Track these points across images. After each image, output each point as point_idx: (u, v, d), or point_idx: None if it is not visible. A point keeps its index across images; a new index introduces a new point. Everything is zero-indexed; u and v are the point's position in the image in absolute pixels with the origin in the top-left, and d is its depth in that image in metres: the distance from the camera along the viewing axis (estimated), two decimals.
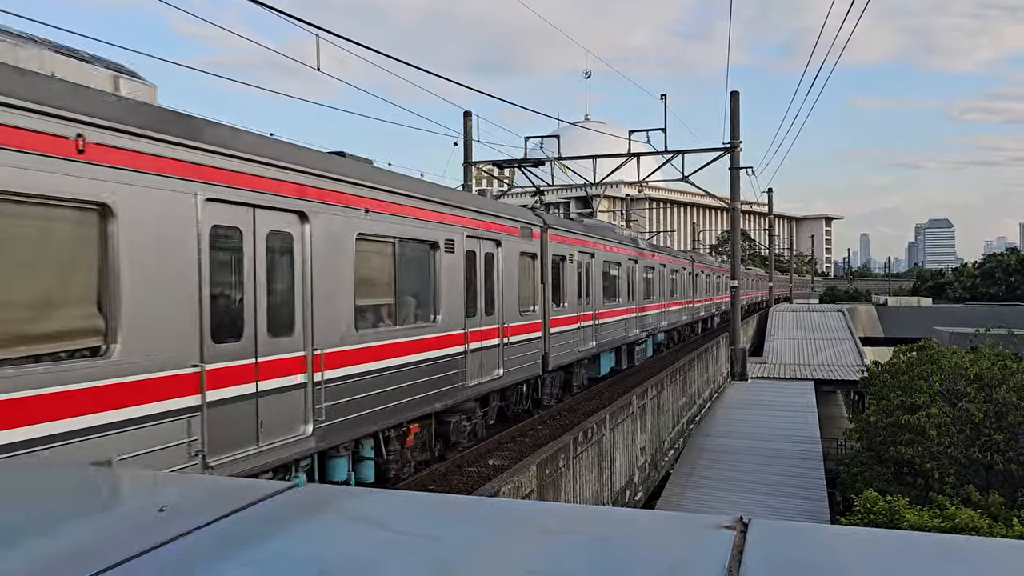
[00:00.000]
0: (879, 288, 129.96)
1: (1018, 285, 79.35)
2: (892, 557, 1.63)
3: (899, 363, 25.08)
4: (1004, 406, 19.64)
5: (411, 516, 1.92)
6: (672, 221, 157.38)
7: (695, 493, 18.80)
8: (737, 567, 1.48)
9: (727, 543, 1.59)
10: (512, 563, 1.59)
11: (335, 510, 1.96)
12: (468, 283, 12.84)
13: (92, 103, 6.23)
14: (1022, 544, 1.67)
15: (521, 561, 1.59)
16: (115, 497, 2.18)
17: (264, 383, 7.87)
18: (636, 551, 1.64)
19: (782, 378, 33.24)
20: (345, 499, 2.05)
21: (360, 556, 1.65)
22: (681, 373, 21.18)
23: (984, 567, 1.55)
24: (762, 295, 68.43)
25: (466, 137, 32.17)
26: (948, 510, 15.39)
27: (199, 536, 1.77)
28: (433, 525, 1.84)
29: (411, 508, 2.02)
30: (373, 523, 1.84)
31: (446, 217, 12.06)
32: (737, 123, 30.70)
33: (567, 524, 1.86)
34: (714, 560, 1.52)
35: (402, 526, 1.82)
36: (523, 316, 15.23)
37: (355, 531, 1.80)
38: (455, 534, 1.77)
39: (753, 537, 1.63)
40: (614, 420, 13.78)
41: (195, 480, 2.35)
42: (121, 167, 6.30)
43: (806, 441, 23.20)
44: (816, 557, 1.61)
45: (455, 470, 13.63)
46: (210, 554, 1.70)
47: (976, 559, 1.61)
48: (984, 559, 1.61)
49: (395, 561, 1.61)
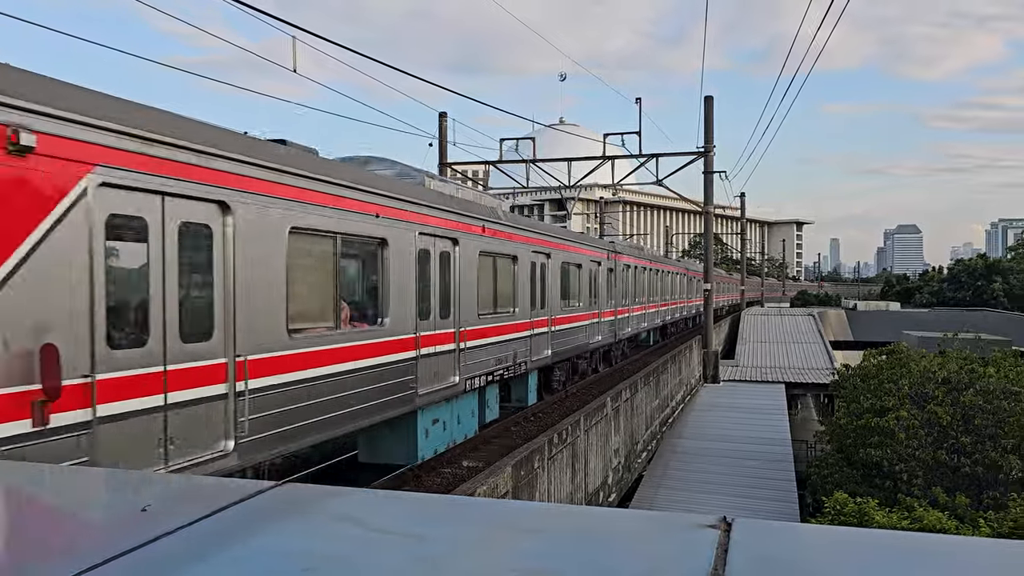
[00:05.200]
0: (848, 292, 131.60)
1: (984, 290, 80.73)
2: (870, 555, 1.66)
3: (869, 367, 25.39)
4: (971, 409, 19.95)
5: (394, 515, 1.92)
6: (646, 224, 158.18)
7: (668, 495, 18.91)
8: (723, 565, 1.50)
9: (712, 542, 1.61)
10: (498, 561, 1.59)
11: (318, 509, 1.95)
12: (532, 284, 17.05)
13: None
14: (989, 542, 1.72)
15: (507, 560, 1.60)
16: (97, 497, 2.16)
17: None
18: (622, 550, 1.65)
19: (754, 381, 33.51)
20: (328, 498, 2.05)
21: (344, 554, 1.65)
22: (655, 375, 21.29)
23: (954, 564, 1.59)
24: (734, 298, 69.01)
25: (441, 138, 32.11)
26: (916, 512, 15.60)
27: (182, 535, 1.76)
28: (416, 524, 1.84)
29: (393, 507, 2.02)
30: (356, 522, 1.83)
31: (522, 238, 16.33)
32: (711, 127, 30.94)
33: (551, 523, 1.87)
34: (700, 558, 1.53)
35: (385, 525, 1.82)
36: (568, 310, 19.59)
37: (338, 530, 1.80)
38: (438, 533, 1.77)
39: (737, 536, 1.65)
40: (588, 422, 13.82)
41: (178, 480, 2.33)
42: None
43: (777, 443, 23.42)
44: (799, 555, 1.64)
45: (429, 471, 13.61)
46: (194, 553, 1.69)
47: (947, 556, 1.65)
48: (954, 556, 1.65)
49: (379, 559, 1.61)
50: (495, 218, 14.96)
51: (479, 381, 13.91)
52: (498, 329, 14.92)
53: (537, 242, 17.31)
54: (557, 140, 47.62)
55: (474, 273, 13.88)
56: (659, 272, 34.11)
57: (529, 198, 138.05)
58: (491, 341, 14.59)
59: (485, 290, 14.48)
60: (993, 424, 19.64)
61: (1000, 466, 18.65)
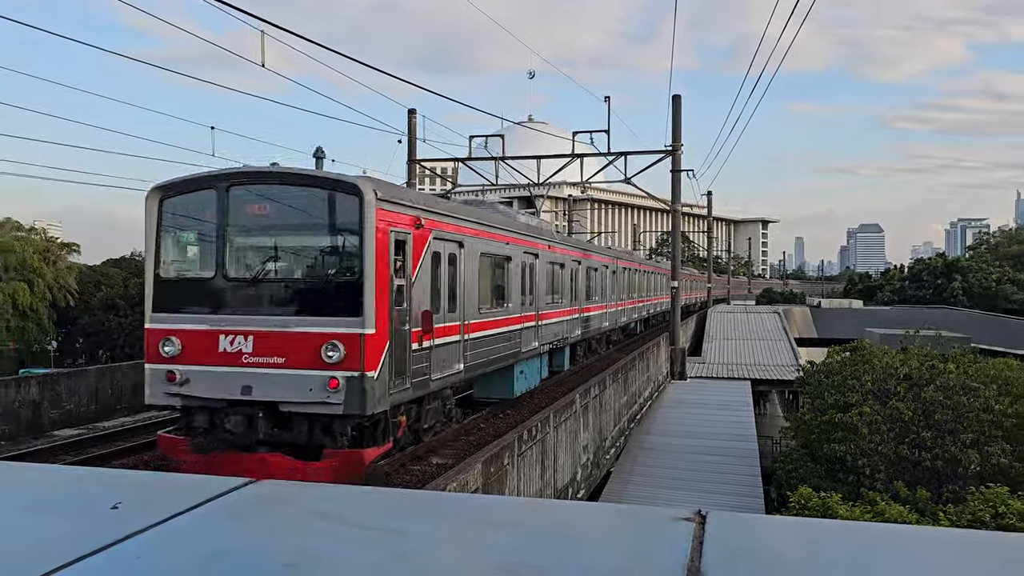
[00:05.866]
0: (813, 290, 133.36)
1: (944, 288, 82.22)
2: (838, 544, 1.69)
3: (833, 363, 25.76)
4: (931, 405, 20.32)
5: (372, 510, 1.91)
6: (613, 222, 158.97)
7: (636, 490, 19.03)
8: (699, 556, 1.52)
9: (687, 534, 1.63)
10: (478, 556, 1.60)
11: (295, 505, 1.94)
12: None
13: None
14: (947, 531, 1.77)
15: (487, 554, 1.60)
16: (65, 495, 2.12)
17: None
18: (599, 543, 1.66)
19: (720, 378, 33.83)
20: (305, 494, 2.04)
21: (325, 550, 1.64)
22: (623, 372, 21.41)
23: (915, 551, 1.64)
24: (700, 296, 69.62)
25: (410, 135, 31.98)
26: (878, 505, 15.86)
27: (156, 533, 1.74)
28: (395, 519, 1.84)
29: (371, 502, 2.01)
30: (335, 518, 1.82)
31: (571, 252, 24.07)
32: (679, 126, 31.15)
33: (529, 518, 1.88)
34: (676, 550, 1.55)
35: (364, 520, 1.81)
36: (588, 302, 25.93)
37: (317, 525, 1.79)
38: (418, 528, 1.77)
39: (712, 528, 1.68)
40: (558, 418, 13.87)
41: (150, 477, 2.30)
42: None
43: (743, 439, 23.68)
44: (772, 546, 1.66)
45: (399, 469, 13.55)
46: (168, 551, 1.67)
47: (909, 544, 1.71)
48: (916, 544, 1.70)
49: (361, 555, 1.61)
50: (553, 238, 22.69)
51: (545, 348, 20.63)
52: (553, 314, 21.39)
53: (574, 253, 24.39)
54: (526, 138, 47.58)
55: (542, 276, 20.15)
56: (646, 273, 40.64)
57: (498, 195, 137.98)
58: (551, 322, 21.06)
59: (546, 287, 20.76)
60: (953, 419, 20.04)
61: (959, 460, 19.03)
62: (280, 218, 11.57)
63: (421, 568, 1.55)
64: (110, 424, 18.12)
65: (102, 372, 19.63)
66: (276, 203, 11.54)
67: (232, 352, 10.90)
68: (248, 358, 10.84)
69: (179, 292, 11.61)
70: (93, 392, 18.88)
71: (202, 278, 11.57)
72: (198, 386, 11.02)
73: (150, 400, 11.47)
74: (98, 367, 19.99)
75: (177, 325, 11.28)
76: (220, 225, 11.39)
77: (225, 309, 11.21)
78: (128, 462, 13.84)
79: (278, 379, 10.72)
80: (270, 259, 11.67)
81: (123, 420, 18.74)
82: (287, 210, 11.56)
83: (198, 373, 11.02)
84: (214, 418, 11.09)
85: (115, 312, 58.96)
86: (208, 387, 11.00)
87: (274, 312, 11.08)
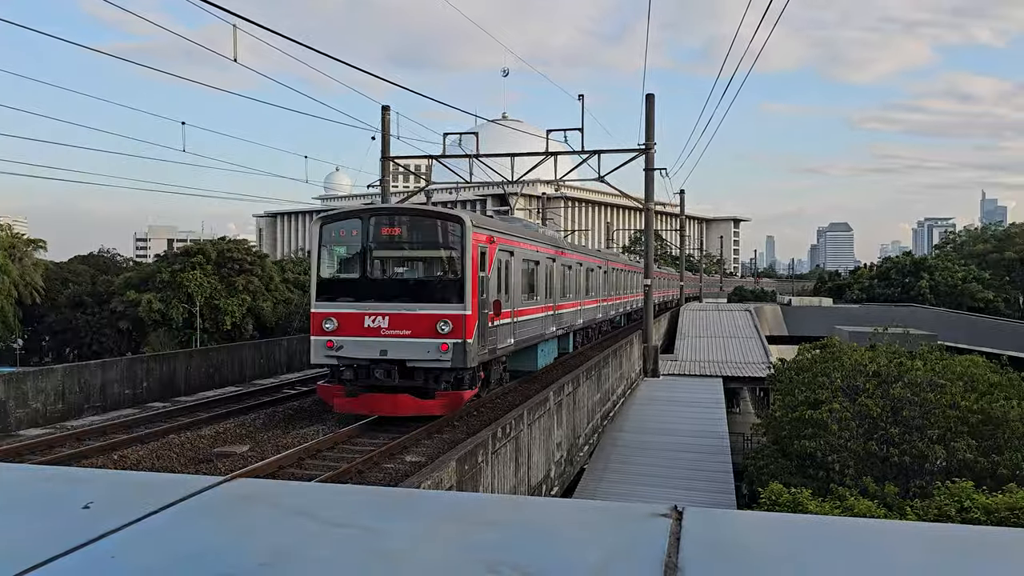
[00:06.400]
0: (783, 288, 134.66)
1: (912, 287, 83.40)
2: (812, 537, 1.72)
3: (803, 360, 26.02)
4: (899, 402, 20.60)
5: (348, 508, 1.91)
6: (587, 220, 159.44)
7: (609, 487, 19.10)
8: (676, 552, 1.53)
9: (664, 530, 1.65)
10: (456, 554, 1.60)
11: (271, 504, 1.93)
12: None
13: None
14: (914, 524, 1.81)
15: (464, 552, 1.60)
16: (35, 494, 2.09)
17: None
18: (577, 540, 1.67)
19: (692, 375, 34.06)
20: (280, 492, 2.02)
21: (302, 549, 1.63)
22: (596, 370, 21.49)
23: (884, 543, 1.67)
24: (673, 294, 70.04)
25: (384, 131, 31.85)
26: (848, 501, 16.06)
27: (129, 533, 1.72)
28: (371, 517, 1.83)
29: (347, 501, 2.00)
30: (311, 516, 1.81)
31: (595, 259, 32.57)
32: (652, 125, 31.31)
33: (506, 515, 1.88)
34: (654, 546, 1.56)
35: (341, 519, 1.80)
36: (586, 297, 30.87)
37: (293, 524, 1.78)
38: (394, 526, 1.76)
39: (688, 524, 1.69)
40: (531, 416, 13.89)
41: (122, 476, 2.27)
42: None
43: (715, 436, 23.85)
44: (748, 540, 1.68)
45: (372, 467, 13.51)
46: (141, 551, 1.65)
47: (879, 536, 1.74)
48: (885, 536, 1.74)
49: (339, 553, 1.60)
50: (565, 245, 28.33)
51: (560, 332, 25.74)
52: (565, 306, 26.21)
53: (577, 257, 29.14)
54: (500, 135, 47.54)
55: (557, 276, 25.10)
56: (630, 272, 44.91)
57: (472, 193, 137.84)
58: (563, 312, 25.88)
59: (559, 284, 25.38)
60: (920, 416, 20.33)
61: (926, 456, 19.32)
62: (406, 238, 17.09)
63: (400, 566, 1.55)
64: (79, 423, 17.86)
65: (70, 370, 19.34)
66: (403, 227, 17.03)
67: (373, 327, 16.14)
68: (385, 331, 16.08)
69: (335, 287, 16.91)
70: (60, 391, 18.60)
71: (351, 278, 16.91)
72: (350, 350, 16.16)
73: (315, 360, 16.70)
74: (65, 365, 19.70)
75: (334, 309, 16.43)
76: (364, 242, 16.70)
77: (368, 298, 16.39)
78: (98, 462, 13.65)
79: (406, 345, 16.00)
80: (399, 265, 17.41)
81: (92, 419, 18.48)
82: (411, 232, 17.14)
83: (349, 342, 16.19)
84: (358, 372, 16.16)
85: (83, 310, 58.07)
86: (357, 351, 16.12)
87: (403, 300, 16.33)
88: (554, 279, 24.52)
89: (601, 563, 1.51)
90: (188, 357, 23.94)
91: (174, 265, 52.35)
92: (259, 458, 13.82)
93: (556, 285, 24.82)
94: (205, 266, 51.86)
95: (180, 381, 22.75)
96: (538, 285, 22.53)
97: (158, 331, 51.90)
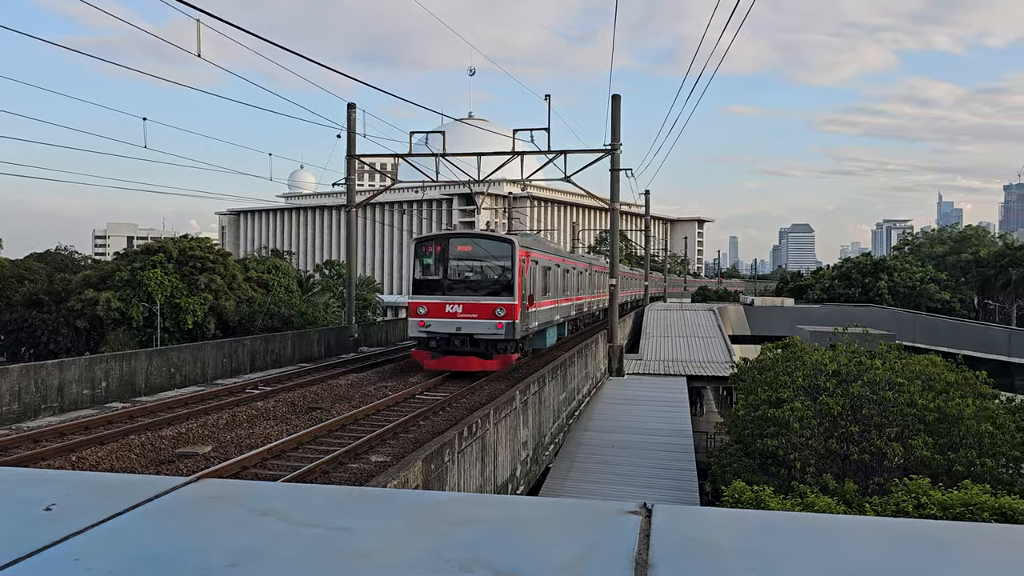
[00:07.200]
0: (746, 288, 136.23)
1: (871, 287, 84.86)
2: (779, 534, 1.75)
3: (765, 360, 26.32)
4: (859, 400, 20.92)
5: (316, 508, 1.89)
6: (553, 220, 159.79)
7: (574, 486, 19.17)
8: (646, 548, 1.54)
9: (634, 527, 1.66)
10: (427, 553, 1.59)
11: (237, 504, 1.90)
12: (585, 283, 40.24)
13: None
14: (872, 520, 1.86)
15: (436, 551, 1.60)
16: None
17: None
18: (548, 537, 1.68)
19: (657, 374, 34.28)
20: (246, 493, 2.00)
21: (270, 549, 1.61)
22: (562, 369, 21.56)
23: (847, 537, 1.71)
24: (638, 293, 70.50)
25: (349, 130, 31.66)
26: (809, 498, 16.27)
27: (93, 535, 1.69)
28: (339, 516, 1.82)
29: (315, 500, 1.98)
30: (279, 516, 1.80)
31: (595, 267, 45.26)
32: (618, 126, 31.50)
33: (476, 513, 1.88)
34: (623, 543, 1.58)
35: (308, 519, 1.79)
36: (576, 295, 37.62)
37: (261, 524, 1.76)
38: (364, 525, 1.75)
39: (658, 521, 1.70)
40: (498, 415, 13.88)
41: (84, 477, 2.23)
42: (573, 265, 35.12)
43: (679, 435, 24.04)
44: (717, 536, 1.70)
45: (337, 467, 13.41)
46: (107, 552, 1.62)
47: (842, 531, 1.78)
48: (848, 531, 1.77)
49: (308, 554, 1.59)
50: (563, 254, 35.56)
51: (560, 320, 32.40)
52: (563, 300, 32.72)
53: (569, 262, 35.38)
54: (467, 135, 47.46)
55: (559, 277, 31.52)
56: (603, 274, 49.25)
57: (438, 192, 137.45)
58: (562, 305, 32.43)
59: (561, 284, 32.10)
60: (879, 414, 20.67)
61: (885, 453, 19.66)
62: (474, 252, 24.99)
63: (369, 565, 1.54)
64: (35, 424, 17.49)
65: (26, 370, 18.92)
66: (472, 245, 25.12)
67: (452, 312, 24.06)
68: (459, 315, 24.00)
69: (425, 285, 24.80)
70: (16, 391, 18.19)
71: (437, 279, 24.86)
72: (435, 328, 24.12)
73: (411, 334, 24.88)
74: (21, 365, 19.27)
75: (425, 300, 24.42)
76: (445, 255, 24.83)
77: (449, 293, 24.41)
78: (56, 464, 13.38)
79: (474, 323, 23.89)
80: (469, 271, 25.03)
81: (49, 420, 18.12)
82: (477, 249, 25.06)
83: (436, 321, 24.10)
84: (440, 342, 24.10)
85: (39, 308, 56.84)
86: (441, 328, 24.07)
87: (472, 294, 24.42)
88: (558, 280, 31.42)
89: (572, 560, 1.52)
90: (149, 357, 23.54)
91: (134, 263, 51.42)
92: (222, 459, 13.66)
93: (559, 285, 31.61)
94: (166, 264, 51.04)
95: (140, 381, 22.38)
96: (548, 285, 29.40)
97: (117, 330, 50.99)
